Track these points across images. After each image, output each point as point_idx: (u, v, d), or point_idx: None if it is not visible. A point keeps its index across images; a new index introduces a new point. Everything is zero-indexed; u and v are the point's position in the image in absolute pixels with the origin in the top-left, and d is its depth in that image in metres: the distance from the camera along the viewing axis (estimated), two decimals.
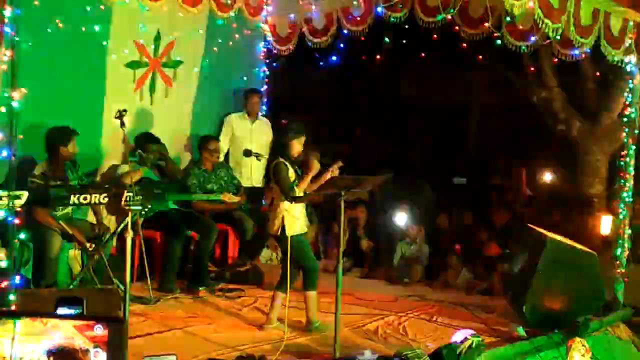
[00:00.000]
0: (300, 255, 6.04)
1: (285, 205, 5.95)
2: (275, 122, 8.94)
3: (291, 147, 6.01)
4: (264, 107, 9.05)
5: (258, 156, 7.94)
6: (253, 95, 8.70)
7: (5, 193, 4.56)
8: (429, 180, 11.00)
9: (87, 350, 1.85)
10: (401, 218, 9.06)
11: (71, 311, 2.25)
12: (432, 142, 14.19)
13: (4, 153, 4.64)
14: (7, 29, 4.66)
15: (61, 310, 2.25)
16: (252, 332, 6.05)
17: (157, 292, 7.00)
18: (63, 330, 1.85)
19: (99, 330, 1.86)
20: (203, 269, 7.51)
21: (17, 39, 4.68)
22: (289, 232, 5.93)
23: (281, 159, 5.98)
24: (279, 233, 6.00)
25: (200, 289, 7.30)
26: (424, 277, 8.42)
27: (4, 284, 4.30)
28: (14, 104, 4.62)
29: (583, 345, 5.42)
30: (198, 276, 7.43)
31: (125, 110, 5.91)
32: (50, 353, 1.86)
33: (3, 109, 4.66)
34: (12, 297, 4.49)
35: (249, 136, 8.59)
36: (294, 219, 5.98)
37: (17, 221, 4.60)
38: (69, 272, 6.98)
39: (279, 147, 6.10)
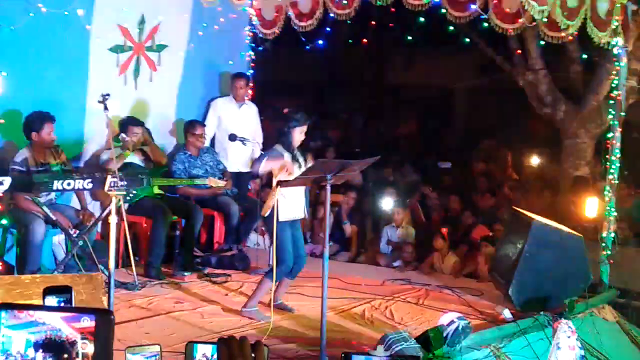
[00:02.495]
0: (277, 243, 5.94)
1: (282, 189, 5.91)
2: (261, 106, 8.91)
3: (292, 135, 5.97)
4: (250, 91, 8.99)
5: (244, 141, 7.89)
6: (240, 80, 8.63)
7: None
8: (414, 164, 11.02)
9: (74, 342, 1.82)
10: (387, 201, 9.05)
11: (58, 299, 2.22)
12: (418, 125, 14.20)
13: None
14: None
15: (49, 300, 2.22)
16: (238, 317, 6.04)
17: (143, 278, 6.97)
18: (50, 322, 1.81)
19: (86, 322, 1.82)
20: (189, 254, 7.48)
21: None
22: (281, 217, 5.90)
23: (277, 146, 5.95)
24: (270, 215, 5.96)
25: (186, 274, 7.26)
26: (413, 260, 8.40)
27: None
28: None
29: (569, 327, 5.42)
30: (184, 261, 7.40)
31: (108, 95, 5.85)
32: (37, 345, 1.83)
33: None
34: None
35: (235, 121, 8.53)
36: (288, 203, 5.95)
37: (1, 207, 4.55)
38: (53, 258, 6.94)
39: (279, 136, 6.06)
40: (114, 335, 1.85)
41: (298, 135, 5.99)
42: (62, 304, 2.24)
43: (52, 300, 2.28)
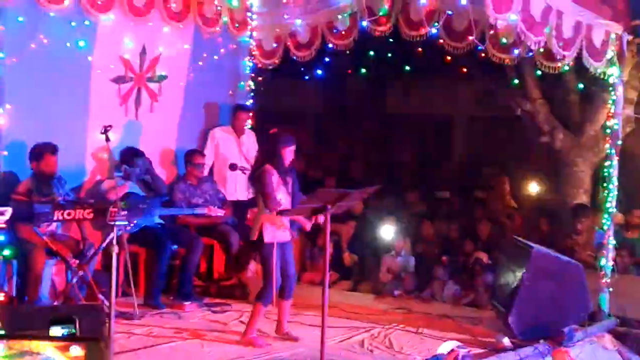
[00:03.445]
0: (263, 265, 6.09)
1: (267, 213, 5.98)
2: (260, 136, 8.95)
3: (282, 156, 6.06)
4: (249, 121, 9.04)
5: (244, 170, 7.93)
6: (242, 113, 8.69)
7: None
8: (413, 193, 11.03)
9: None
10: (386, 230, 9.07)
11: (64, 331, 2.26)
12: (416, 154, 14.24)
13: None
14: None
15: (54, 330, 2.25)
16: (238, 347, 6.04)
17: (142, 307, 6.97)
18: (45, 351, 1.85)
19: (75, 351, 1.86)
20: (189, 283, 7.49)
21: (1, 55, 4.69)
22: (267, 239, 5.96)
23: (267, 166, 6.01)
24: (257, 239, 6.05)
25: (185, 303, 7.26)
26: (414, 289, 8.41)
27: None
28: (1, 120, 4.61)
29: (568, 356, 5.44)
30: (184, 291, 7.40)
31: (110, 126, 5.92)
32: None
33: None
34: None
35: (234, 150, 8.58)
36: (274, 226, 6.01)
37: (1, 238, 4.58)
38: (53, 288, 6.94)
39: (268, 156, 6.12)
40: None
41: (288, 155, 6.08)
42: (68, 334, 2.27)
43: (57, 330, 2.31)
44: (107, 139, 5.84)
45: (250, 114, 8.87)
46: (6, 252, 5.05)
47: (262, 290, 6.13)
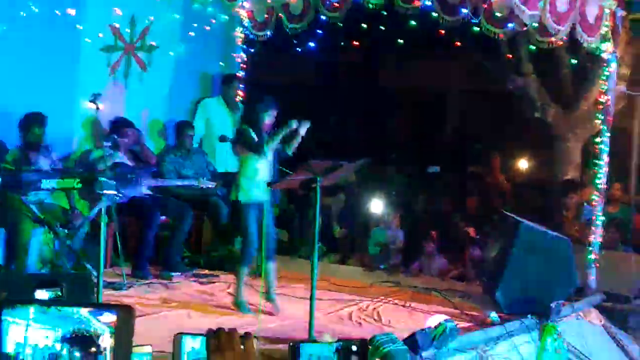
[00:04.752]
0: (241, 225, 6.08)
1: (244, 170, 6.02)
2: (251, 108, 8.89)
3: (261, 119, 6.05)
4: (241, 93, 8.99)
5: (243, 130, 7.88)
6: (233, 81, 8.64)
7: None
8: (404, 168, 11.03)
9: (100, 335, 1.84)
10: (376, 204, 9.07)
11: (49, 293, 2.24)
12: (408, 129, 14.22)
13: None
14: None
15: (40, 293, 2.24)
16: (225, 317, 6.04)
17: (130, 278, 6.95)
18: (78, 315, 1.83)
19: (108, 316, 1.85)
20: (177, 254, 7.48)
21: None
22: (243, 199, 5.97)
23: (245, 126, 6.02)
24: (236, 199, 6.07)
25: (174, 274, 7.26)
26: (403, 263, 8.43)
27: None
28: None
29: (555, 330, 5.46)
30: (172, 262, 7.40)
31: (99, 94, 5.87)
32: (65, 338, 1.84)
33: None
34: None
35: (225, 122, 8.53)
36: (250, 185, 6.02)
37: None
38: (40, 257, 6.92)
39: (248, 120, 6.10)
40: (133, 330, 1.87)
41: (267, 119, 6.08)
42: (54, 298, 2.26)
43: (43, 294, 2.30)
44: (97, 108, 5.79)
45: (241, 85, 8.80)
46: None
47: (241, 251, 6.19)
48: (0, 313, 1.83)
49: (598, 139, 7.21)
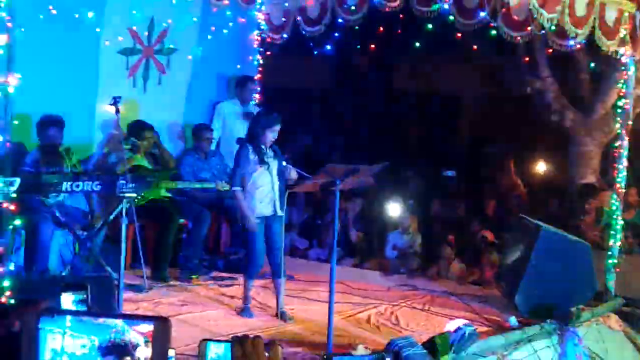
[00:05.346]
0: (247, 240, 6.12)
1: (249, 185, 6.04)
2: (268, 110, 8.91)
3: (264, 136, 6.05)
4: (257, 96, 9.00)
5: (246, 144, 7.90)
6: (246, 82, 8.66)
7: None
8: (419, 172, 11.02)
9: (137, 345, 1.84)
10: (393, 208, 9.06)
11: (75, 296, 2.25)
12: (424, 132, 14.20)
13: None
14: (2, 14, 4.62)
15: (66, 296, 2.25)
16: (244, 320, 6.06)
17: (149, 280, 6.98)
18: (114, 325, 1.84)
19: (144, 327, 1.85)
20: (196, 257, 7.50)
21: (11, 24, 4.65)
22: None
23: (247, 144, 6.04)
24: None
25: (192, 277, 7.28)
26: (420, 267, 8.42)
27: None
28: (10, 90, 4.59)
29: (576, 335, 5.44)
30: (191, 264, 7.41)
31: (120, 97, 5.89)
32: (101, 348, 1.85)
33: None
34: (6, 283, 4.50)
35: (240, 124, 8.54)
36: (254, 200, 6.05)
37: (12, 207, 4.58)
38: (60, 259, 6.95)
39: (251, 135, 6.13)
40: (170, 341, 1.87)
41: (269, 135, 6.05)
42: (80, 302, 2.26)
43: (68, 297, 2.30)
44: (117, 111, 5.80)
45: (257, 86, 8.80)
46: (18, 222, 5.04)
47: (245, 265, 6.24)
48: (38, 322, 1.84)
49: (617, 143, 7.17)
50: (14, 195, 4.63)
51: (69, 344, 1.85)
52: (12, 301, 4.34)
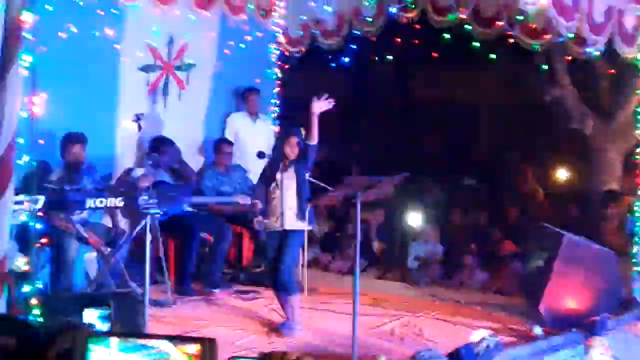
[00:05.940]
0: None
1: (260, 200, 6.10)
2: (286, 124, 8.93)
3: (282, 149, 6.07)
4: (277, 109, 9.02)
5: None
6: (251, 94, 8.68)
7: (25, 197, 4.59)
8: (440, 181, 10.97)
9: None
10: (414, 218, 9.05)
11: (99, 312, 2.27)
12: (444, 141, 14.16)
13: (25, 158, 4.66)
14: (27, 35, 4.69)
15: (88, 312, 2.27)
16: (270, 333, 6.07)
17: (173, 295, 7.00)
18: (159, 346, 1.86)
19: (190, 347, 1.87)
20: (218, 270, 7.53)
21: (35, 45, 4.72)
22: (258, 226, 6.13)
23: (266, 158, 6.11)
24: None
25: (215, 290, 7.31)
26: (443, 277, 8.40)
27: (26, 288, 4.33)
28: (36, 109, 4.65)
29: (603, 344, 5.40)
30: (213, 278, 7.44)
31: (142, 114, 5.94)
32: None
33: (24, 114, 4.69)
34: (34, 301, 4.54)
35: (252, 136, 8.57)
36: (263, 213, 6.11)
37: (38, 225, 4.63)
38: (85, 276, 7.00)
39: (274, 151, 6.19)
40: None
41: (287, 148, 6.05)
42: (104, 317, 2.28)
43: (91, 313, 2.32)
44: (139, 127, 5.85)
45: (258, 94, 8.79)
46: (43, 240, 5.09)
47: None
48: (87, 343, 1.86)
49: (638, 150, 7.13)
50: (40, 213, 4.67)
51: None
52: (41, 319, 4.37)
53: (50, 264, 6.52)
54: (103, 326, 3.68)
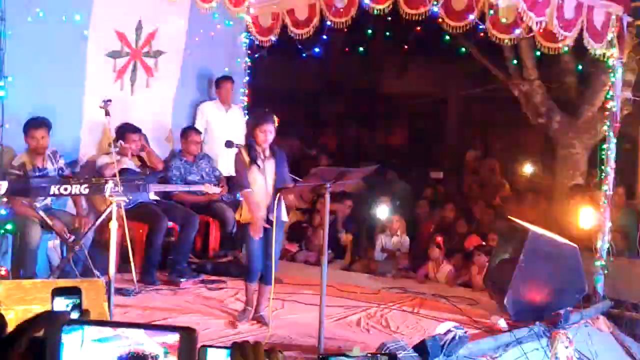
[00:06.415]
0: (245, 244, 6.04)
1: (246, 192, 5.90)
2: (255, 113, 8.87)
3: (255, 136, 5.89)
4: (246, 98, 8.97)
5: (240, 147, 7.86)
6: (225, 83, 8.61)
7: None
8: (407, 173, 11.02)
9: (156, 356, 1.82)
10: (381, 210, 9.07)
11: (69, 301, 2.21)
12: (411, 134, 14.24)
13: None
14: None
15: (58, 301, 2.21)
16: (234, 324, 6.04)
17: (138, 284, 6.93)
18: (134, 336, 1.81)
19: (169, 337, 1.82)
20: (184, 260, 7.47)
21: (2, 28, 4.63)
22: (243, 219, 5.91)
23: (241, 149, 5.93)
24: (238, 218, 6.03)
25: (181, 280, 7.25)
26: (409, 269, 8.43)
27: None
28: (1, 93, 4.56)
29: (567, 338, 5.46)
30: (179, 268, 7.38)
31: (110, 100, 5.83)
32: (120, 358, 1.82)
33: None
34: None
35: (223, 125, 8.51)
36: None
37: (1, 211, 4.54)
38: (48, 263, 6.91)
39: (245, 136, 6.10)
40: (196, 352, 1.85)
41: (260, 134, 5.86)
42: (74, 307, 2.23)
43: (61, 302, 2.27)
44: (107, 114, 5.75)
45: (234, 84, 8.73)
46: (8, 227, 5.00)
47: (246, 269, 6.13)
48: (61, 333, 1.81)
49: (605, 145, 7.21)
50: (3, 199, 4.58)
51: (87, 355, 1.83)
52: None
53: (12, 250, 6.42)
54: (73, 315, 3.61)
